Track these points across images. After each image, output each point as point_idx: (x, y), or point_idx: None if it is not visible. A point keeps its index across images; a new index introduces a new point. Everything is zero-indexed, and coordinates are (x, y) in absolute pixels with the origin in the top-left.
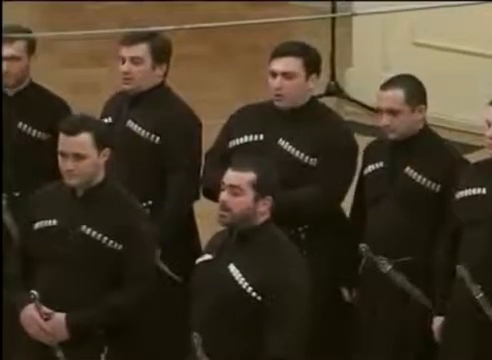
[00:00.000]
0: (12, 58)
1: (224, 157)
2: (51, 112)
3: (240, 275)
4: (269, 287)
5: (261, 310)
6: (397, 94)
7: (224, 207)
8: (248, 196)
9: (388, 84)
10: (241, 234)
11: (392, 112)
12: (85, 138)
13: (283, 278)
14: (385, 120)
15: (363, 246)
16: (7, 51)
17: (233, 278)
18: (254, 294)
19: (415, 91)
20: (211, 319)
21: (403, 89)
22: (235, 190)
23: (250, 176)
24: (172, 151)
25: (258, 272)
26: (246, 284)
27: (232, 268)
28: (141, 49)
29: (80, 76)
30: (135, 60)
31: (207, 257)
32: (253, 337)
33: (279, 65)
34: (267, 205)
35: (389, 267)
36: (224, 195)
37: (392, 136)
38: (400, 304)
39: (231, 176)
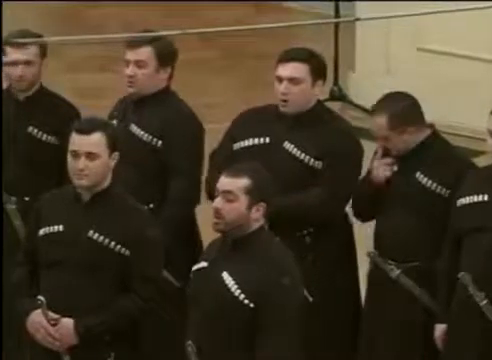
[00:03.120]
0: (26, 63)
1: (227, 160)
2: (61, 116)
3: (233, 282)
4: (261, 294)
5: (254, 317)
6: (381, 121)
7: (217, 214)
8: (241, 202)
9: (374, 110)
10: (235, 241)
11: (384, 139)
12: (99, 137)
13: (276, 285)
14: (381, 143)
15: (371, 251)
16: (21, 56)
17: (226, 285)
18: (246, 301)
19: (400, 114)
20: (205, 327)
21: (386, 115)
22: (228, 196)
23: (244, 182)
24: (174, 155)
25: (251, 279)
26: (238, 291)
27: (225, 275)
28: (145, 52)
29: (84, 81)
30: (139, 63)
31: (202, 264)
32: (247, 344)
33: (285, 70)
34: (261, 211)
35: (397, 272)
36: (217, 202)
37: (394, 153)
38: (407, 308)
39: (225, 182)
